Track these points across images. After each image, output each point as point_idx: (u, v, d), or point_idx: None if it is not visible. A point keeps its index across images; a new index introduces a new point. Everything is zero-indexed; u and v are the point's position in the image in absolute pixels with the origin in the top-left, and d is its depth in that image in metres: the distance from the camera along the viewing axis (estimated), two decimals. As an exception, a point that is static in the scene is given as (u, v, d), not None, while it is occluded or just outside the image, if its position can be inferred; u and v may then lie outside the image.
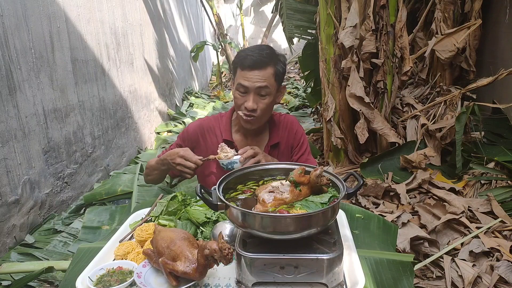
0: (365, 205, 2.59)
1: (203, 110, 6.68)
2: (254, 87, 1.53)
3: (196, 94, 7.85)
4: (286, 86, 8.47)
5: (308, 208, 1.03)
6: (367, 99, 3.02)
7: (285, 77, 1.72)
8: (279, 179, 1.20)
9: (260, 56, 1.53)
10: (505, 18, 3.30)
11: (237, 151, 1.66)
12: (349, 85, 3.05)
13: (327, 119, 3.23)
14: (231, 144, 1.69)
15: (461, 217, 2.24)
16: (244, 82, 1.53)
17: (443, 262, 2.00)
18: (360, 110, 3.04)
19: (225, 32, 10.15)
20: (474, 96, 3.15)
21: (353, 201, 2.68)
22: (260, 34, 12.38)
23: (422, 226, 2.27)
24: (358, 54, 3.04)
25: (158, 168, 1.68)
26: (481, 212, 2.31)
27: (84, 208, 2.88)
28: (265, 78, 1.53)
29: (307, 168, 1.13)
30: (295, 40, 4.40)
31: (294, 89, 8.17)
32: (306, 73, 4.38)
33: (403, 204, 2.53)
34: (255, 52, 1.54)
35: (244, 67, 1.53)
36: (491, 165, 2.70)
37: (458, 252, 2.06)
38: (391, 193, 2.67)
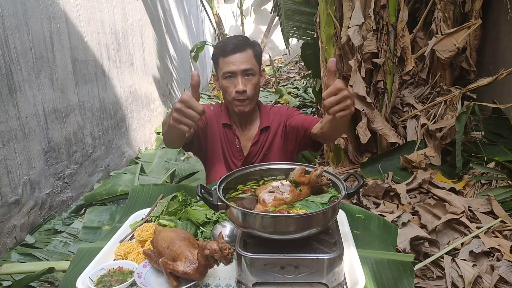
0: (365, 205, 2.59)
1: (203, 110, 6.67)
2: (240, 70, 1.60)
3: (196, 94, 7.84)
4: (286, 86, 8.42)
5: (309, 208, 1.03)
6: (369, 99, 3.02)
7: (262, 61, 1.79)
8: (279, 179, 1.20)
9: (238, 40, 1.64)
10: (506, 18, 3.30)
11: (236, 137, 1.73)
12: (351, 85, 3.04)
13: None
14: (230, 127, 1.74)
15: (461, 217, 2.24)
16: (230, 67, 1.60)
17: (443, 262, 2.00)
18: (363, 110, 3.04)
19: (225, 32, 10.16)
20: (475, 96, 3.15)
21: (353, 201, 2.68)
22: (260, 34, 12.38)
23: (422, 226, 2.27)
24: (360, 54, 3.04)
25: (167, 122, 1.39)
26: (481, 212, 2.31)
27: (84, 208, 2.88)
28: (248, 59, 1.62)
29: (307, 168, 1.13)
30: (295, 40, 4.41)
31: (294, 89, 8.17)
32: (309, 72, 4.38)
33: (403, 204, 2.54)
34: (232, 39, 1.65)
35: (226, 53, 1.61)
36: (491, 165, 2.70)
37: (459, 252, 2.06)
38: (391, 193, 2.67)
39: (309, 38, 4.24)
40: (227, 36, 1.79)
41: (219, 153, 1.76)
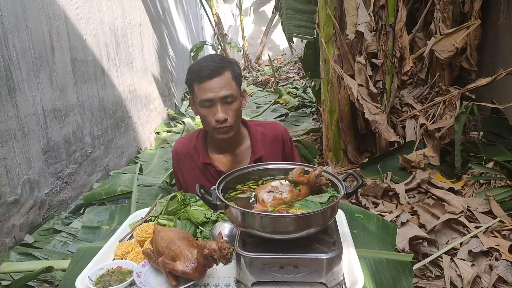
0: (364, 205, 2.59)
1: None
2: (219, 97, 1.46)
3: (195, 94, 7.83)
4: (285, 86, 8.39)
5: (308, 208, 1.03)
6: (377, 98, 3.01)
7: (242, 80, 1.62)
8: (279, 179, 1.20)
9: (214, 63, 1.47)
10: (505, 18, 3.31)
11: (217, 172, 1.59)
12: (361, 85, 3.01)
13: (355, 99, 3.08)
14: (210, 166, 1.63)
15: (460, 216, 2.24)
16: (207, 95, 1.46)
17: (442, 261, 2.00)
18: (380, 107, 3.02)
19: (225, 32, 10.16)
20: (473, 96, 3.15)
21: (353, 201, 2.69)
22: (260, 34, 12.39)
23: (421, 226, 2.27)
24: (365, 52, 3.01)
25: None
26: (480, 212, 2.31)
27: (83, 208, 2.87)
28: (227, 83, 1.47)
29: (306, 168, 1.13)
30: (295, 39, 4.40)
31: (294, 89, 8.17)
32: (308, 72, 4.37)
33: (402, 204, 2.54)
34: (208, 61, 1.49)
35: (202, 79, 1.46)
36: (490, 165, 2.71)
37: (457, 252, 2.06)
38: (390, 193, 2.67)
39: (311, 37, 4.23)
40: (202, 57, 1.60)
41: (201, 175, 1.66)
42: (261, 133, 1.69)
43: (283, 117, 5.82)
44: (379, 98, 3.04)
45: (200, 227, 1.27)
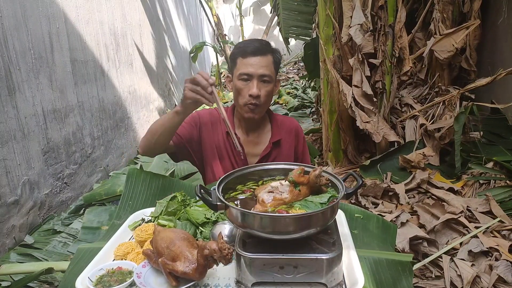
0: (364, 205, 2.60)
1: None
2: (258, 73, 1.56)
3: (195, 95, 7.83)
4: (285, 86, 8.39)
5: (308, 208, 1.03)
6: (375, 98, 3.01)
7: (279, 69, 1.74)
8: (279, 179, 1.20)
9: (261, 44, 1.60)
10: (504, 18, 3.31)
11: (240, 145, 1.65)
12: (356, 85, 3.02)
13: (348, 106, 3.11)
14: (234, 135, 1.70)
15: (460, 216, 2.24)
16: (247, 69, 1.56)
17: (442, 261, 2.00)
18: (373, 108, 3.03)
19: (225, 32, 10.16)
20: (473, 96, 3.16)
21: (352, 201, 2.69)
22: (260, 34, 12.38)
23: (421, 226, 2.27)
24: (360, 53, 3.03)
25: (167, 120, 1.49)
26: (480, 212, 2.32)
27: (83, 209, 2.87)
28: (267, 64, 1.58)
29: (306, 168, 1.13)
30: (293, 41, 4.42)
31: (293, 90, 8.17)
32: (307, 73, 4.39)
33: (402, 204, 2.54)
34: (254, 41, 1.61)
35: (246, 54, 1.57)
36: (490, 165, 2.71)
37: (457, 252, 2.07)
38: (390, 193, 2.67)
39: (308, 38, 4.24)
40: (249, 38, 1.72)
41: (220, 161, 1.70)
42: (280, 120, 1.79)
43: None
44: (376, 100, 3.05)
45: (200, 227, 1.27)
